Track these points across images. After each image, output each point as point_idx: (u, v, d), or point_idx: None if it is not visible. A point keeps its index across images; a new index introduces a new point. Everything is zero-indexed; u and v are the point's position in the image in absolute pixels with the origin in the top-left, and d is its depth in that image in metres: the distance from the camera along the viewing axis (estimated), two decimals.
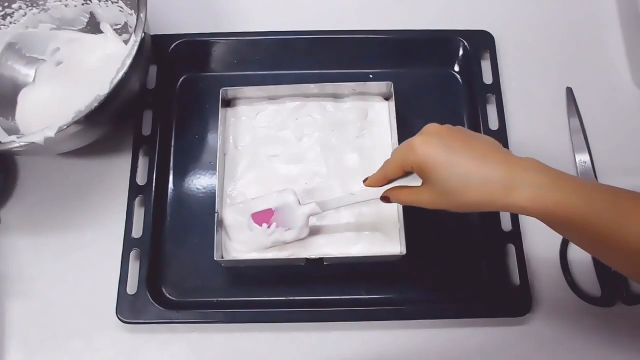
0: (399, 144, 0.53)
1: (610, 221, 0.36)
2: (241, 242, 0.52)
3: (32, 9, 0.59)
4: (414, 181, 0.43)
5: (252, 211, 0.52)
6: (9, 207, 0.58)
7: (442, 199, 0.40)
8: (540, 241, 0.55)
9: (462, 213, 0.41)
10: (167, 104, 0.61)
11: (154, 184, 0.56)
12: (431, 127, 0.42)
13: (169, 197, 0.58)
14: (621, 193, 0.38)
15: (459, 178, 0.38)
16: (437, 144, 0.39)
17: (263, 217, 0.52)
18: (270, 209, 0.52)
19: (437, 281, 0.54)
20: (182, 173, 0.58)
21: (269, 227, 0.52)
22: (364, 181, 0.47)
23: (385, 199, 0.46)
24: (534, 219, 0.55)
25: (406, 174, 0.43)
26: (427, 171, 0.39)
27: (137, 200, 0.56)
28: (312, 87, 0.58)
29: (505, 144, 0.57)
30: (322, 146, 0.57)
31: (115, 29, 0.60)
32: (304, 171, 0.56)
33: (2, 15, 0.58)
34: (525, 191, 0.37)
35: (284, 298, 0.53)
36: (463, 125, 0.60)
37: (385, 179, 0.45)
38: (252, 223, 0.52)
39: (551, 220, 0.38)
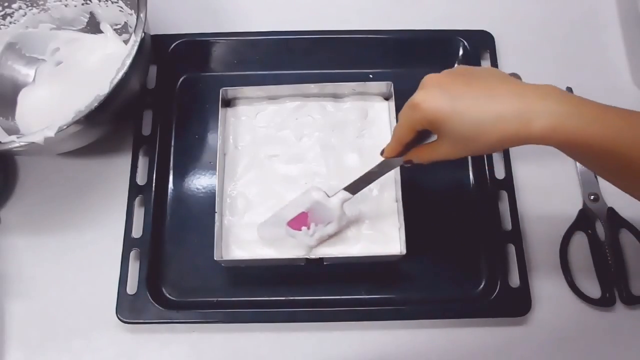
0: None
1: (636, 147, 0.34)
2: (290, 249, 0.53)
3: (32, 9, 0.59)
4: (431, 138, 0.42)
5: (286, 220, 0.52)
6: (9, 207, 0.58)
7: (460, 148, 0.39)
8: (540, 241, 0.55)
9: (462, 212, 0.41)
10: (167, 104, 0.61)
11: (154, 184, 0.56)
12: (429, 79, 0.40)
13: (169, 197, 0.58)
14: None
15: (470, 123, 0.37)
16: (439, 96, 0.38)
17: (299, 222, 0.52)
18: (304, 212, 0.52)
19: (437, 281, 0.54)
20: (182, 173, 0.58)
21: (308, 228, 0.52)
22: (381, 153, 0.46)
23: (408, 162, 0.45)
24: (533, 219, 0.56)
25: (419, 133, 0.42)
26: (436, 125, 0.38)
27: (137, 200, 0.56)
28: (312, 87, 0.58)
29: None
30: (322, 146, 0.57)
31: (115, 29, 0.60)
32: (304, 171, 0.56)
33: (2, 15, 0.58)
34: (544, 121, 0.35)
35: (284, 298, 0.53)
36: None
37: (400, 145, 0.44)
38: (292, 230, 0.52)
39: (572, 149, 0.36)
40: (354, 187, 0.50)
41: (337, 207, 0.51)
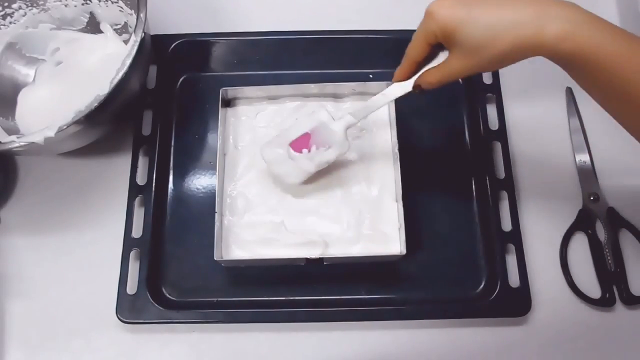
0: (398, 144, 0.53)
1: None
2: (285, 175, 0.52)
3: (32, 9, 0.59)
4: (442, 59, 0.43)
5: (289, 140, 0.52)
6: (9, 207, 0.58)
7: (473, 59, 0.39)
8: (540, 241, 0.55)
9: (462, 212, 0.41)
10: (167, 104, 0.61)
11: (154, 184, 0.56)
12: None
13: (169, 197, 0.58)
14: None
15: (485, 29, 0.37)
16: (454, 2, 0.38)
17: (301, 143, 0.52)
18: (307, 133, 0.52)
19: (437, 281, 0.54)
20: (182, 173, 0.58)
21: (309, 151, 0.52)
22: (392, 80, 0.46)
23: (417, 88, 0.45)
24: (534, 219, 0.56)
25: (433, 49, 0.42)
26: (451, 34, 0.38)
27: (137, 200, 0.56)
28: (312, 87, 0.58)
29: (505, 143, 0.57)
30: None
31: (115, 29, 0.60)
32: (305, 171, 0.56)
33: (2, 15, 0.58)
34: (557, 25, 0.35)
35: (284, 298, 0.53)
36: (463, 126, 0.60)
37: (413, 64, 0.44)
38: (292, 152, 0.52)
39: (581, 61, 0.36)
40: (359, 113, 0.50)
41: (340, 130, 0.51)
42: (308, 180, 0.53)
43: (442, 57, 0.43)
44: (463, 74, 0.41)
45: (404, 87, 0.46)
